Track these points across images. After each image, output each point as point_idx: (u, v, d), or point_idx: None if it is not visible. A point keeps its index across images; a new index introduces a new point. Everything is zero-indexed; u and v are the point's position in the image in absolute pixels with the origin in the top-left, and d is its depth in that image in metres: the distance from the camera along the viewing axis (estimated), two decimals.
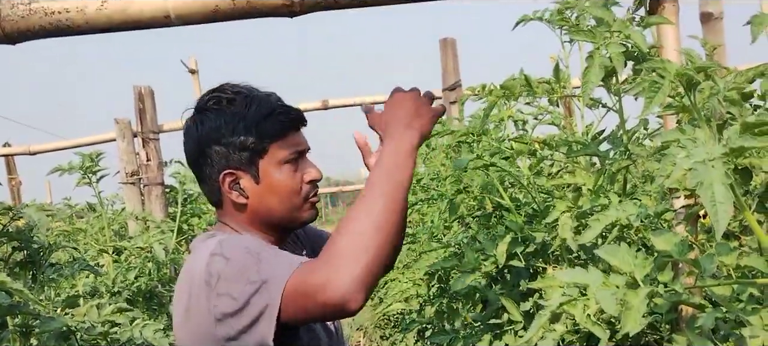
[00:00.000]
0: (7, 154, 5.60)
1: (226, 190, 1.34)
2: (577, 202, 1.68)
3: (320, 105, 4.92)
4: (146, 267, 3.08)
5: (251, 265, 1.17)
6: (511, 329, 1.96)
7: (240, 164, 1.32)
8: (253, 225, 1.37)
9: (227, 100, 1.33)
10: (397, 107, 1.27)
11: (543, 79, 2.00)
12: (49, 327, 1.85)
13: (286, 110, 1.35)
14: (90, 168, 2.72)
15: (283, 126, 1.33)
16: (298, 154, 1.36)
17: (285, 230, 1.41)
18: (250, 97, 1.33)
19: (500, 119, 2.53)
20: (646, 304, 0.92)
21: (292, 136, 1.36)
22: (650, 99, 0.91)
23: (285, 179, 1.34)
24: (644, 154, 1.54)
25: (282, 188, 1.34)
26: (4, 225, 1.80)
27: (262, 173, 1.33)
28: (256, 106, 1.32)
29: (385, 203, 1.14)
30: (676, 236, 0.97)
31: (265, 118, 1.31)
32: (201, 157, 1.35)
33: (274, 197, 1.34)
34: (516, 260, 2.02)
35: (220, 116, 1.32)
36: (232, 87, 1.36)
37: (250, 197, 1.34)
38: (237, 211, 1.37)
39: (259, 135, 1.31)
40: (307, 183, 1.37)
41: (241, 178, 1.33)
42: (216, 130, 1.32)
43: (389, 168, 1.18)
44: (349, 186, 18.24)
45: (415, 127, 1.24)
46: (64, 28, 1.42)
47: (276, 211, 1.35)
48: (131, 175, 4.41)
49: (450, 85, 4.06)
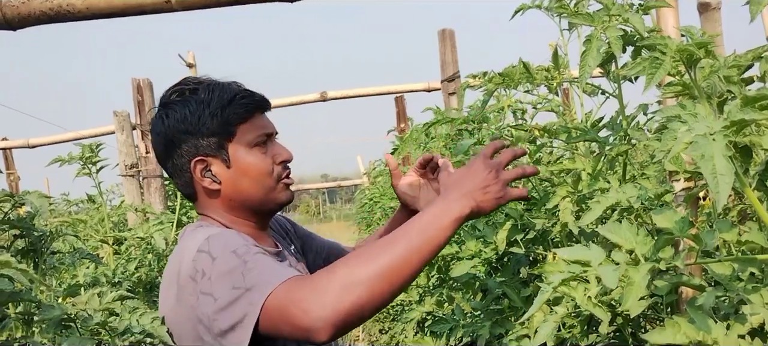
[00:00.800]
0: (5, 148, 5.59)
1: (199, 177, 1.36)
2: (577, 186, 1.69)
3: (319, 97, 4.92)
4: (146, 258, 3.09)
5: (236, 269, 1.16)
6: (511, 315, 1.97)
7: (209, 150, 1.34)
8: (232, 212, 1.39)
9: (190, 91, 1.36)
10: (471, 174, 1.19)
11: (542, 67, 2.01)
12: (50, 315, 1.85)
13: (249, 94, 1.37)
14: (90, 159, 2.72)
15: (246, 109, 1.35)
16: (267, 136, 1.38)
17: (263, 214, 1.42)
18: (211, 85, 1.36)
19: (500, 108, 2.54)
20: (648, 280, 0.93)
21: (258, 119, 1.38)
22: (651, 76, 0.92)
23: (256, 161, 1.36)
24: (644, 139, 1.54)
25: (253, 170, 1.35)
26: (6, 212, 1.80)
27: (232, 157, 1.35)
28: (218, 92, 1.34)
29: (400, 263, 1.08)
30: (677, 213, 0.98)
31: (229, 103, 1.33)
32: (171, 149, 1.37)
33: (246, 179, 1.35)
34: (516, 247, 2.03)
35: (185, 106, 1.34)
36: (194, 79, 1.39)
37: (223, 183, 1.36)
38: (212, 198, 1.38)
39: (225, 119, 1.33)
40: (278, 164, 1.39)
41: (212, 164, 1.35)
42: (182, 121, 1.34)
43: (425, 229, 1.11)
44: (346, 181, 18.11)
45: (474, 198, 1.16)
46: (64, 13, 1.42)
47: (250, 194, 1.37)
48: (130, 167, 4.41)
49: (449, 76, 4.06)
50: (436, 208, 1.13)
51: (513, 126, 2.21)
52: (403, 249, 1.08)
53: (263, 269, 1.15)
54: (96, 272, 2.83)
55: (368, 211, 6.89)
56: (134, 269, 2.93)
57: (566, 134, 1.88)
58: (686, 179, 1.40)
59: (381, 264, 1.07)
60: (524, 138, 2.09)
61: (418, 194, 1.56)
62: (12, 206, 1.82)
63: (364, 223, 7.73)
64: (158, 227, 2.90)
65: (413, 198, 1.56)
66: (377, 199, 6.03)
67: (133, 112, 4.55)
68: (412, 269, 1.08)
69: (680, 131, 0.78)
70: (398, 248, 1.08)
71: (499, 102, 2.63)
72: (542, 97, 2.34)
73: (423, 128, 2.80)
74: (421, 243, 1.09)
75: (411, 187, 1.55)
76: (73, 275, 2.78)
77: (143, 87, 4.46)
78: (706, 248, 0.90)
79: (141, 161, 4.45)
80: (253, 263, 1.16)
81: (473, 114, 2.27)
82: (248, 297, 1.12)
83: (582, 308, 1.40)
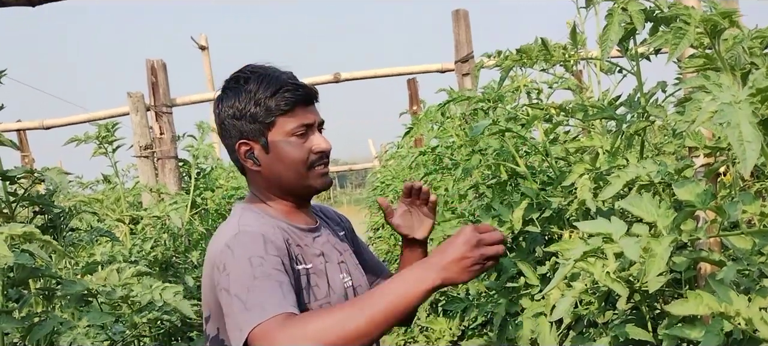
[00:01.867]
0: (20, 129, 5.62)
1: (242, 158, 1.51)
2: (595, 163, 1.68)
3: (332, 78, 4.91)
4: (162, 238, 3.11)
5: (244, 281, 1.28)
6: (527, 293, 1.97)
7: (252, 135, 1.49)
8: (270, 190, 1.54)
9: (244, 80, 1.50)
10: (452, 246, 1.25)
11: (559, 45, 2.00)
12: (71, 290, 1.87)
13: (294, 87, 1.48)
14: (106, 138, 2.73)
15: (288, 102, 1.47)
16: (306, 127, 1.50)
17: (299, 197, 1.55)
18: (263, 76, 1.49)
19: (515, 88, 2.53)
20: (670, 253, 0.93)
21: (300, 110, 1.49)
22: (675, 46, 0.91)
23: (292, 149, 1.48)
24: (663, 115, 1.54)
25: (288, 157, 1.49)
26: (26, 189, 1.82)
27: (271, 144, 1.49)
28: (266, 83, 1.47)
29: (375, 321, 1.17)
30: (700, 185, 0.98)
31: (273, 94, 1.46)
32: (223, 130, 1.54)
33: (281, 165, 1.49)
34: (532, 226, 2.03)
35: (236, 94, 1.49)
36: (251, 68, 1.52)
37: (262, 165, 1.51)
38: (255, 176, 1.54)
39: (267, 109, 1.47)
40: (314, 153, 1.50)
41: (254, 148, 1.50)
42: (232, 106, 1.49)
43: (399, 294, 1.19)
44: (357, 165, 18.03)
45: (448, 271, 1.22)
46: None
47: (284, 178, 1.50)
48: (145, 148, 4.42)
49: (463, 56, 4.05)
50: (412, 276, 1.21)
51: (529, 104, 2.20)
52: (374, 313, 1.17)
53: (265, 292, 1.26)
54: (113, 250, 2.86)
55: (380, 193, 6.89)
56: (150, 248, 2.95)
57: (583, 113, 1.88)
58: (706, 154, 1.40)
59: (351, 327, 1.16)
60: (540, 117, 2.08)
61: (412, 222, 1.68)
62: (31, 183, 1.84)
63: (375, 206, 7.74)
64: (174, 207, 2.91)
65: (409, 228, 1.68)
66: (389, 181, 6.03)
67: (147, 94, 4.56)
68: (379, 331, 1.18)
69: (705, 101, 0.78)
70: (370, 312, 1.17)
71: (514, 82, 2.62)
72: (558, 76, 2.33)
73: (438, 108, 2.79)
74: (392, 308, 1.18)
75: (403, 218, 1.68)
76: (90, 253, 2.80)
77: (157, 68, 4.47)
78: (730, 220, 0.90)
79: (155, 142, 4.47)
80: (259, 280, 1.28)
81: (489, 93, 2.26)
82: (244, 316, 1.24)
83: (600, 283, 1.40)
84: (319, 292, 1.47)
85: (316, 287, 1.47)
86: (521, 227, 2.03)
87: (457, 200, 2.86)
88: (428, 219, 1.68)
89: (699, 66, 1.04)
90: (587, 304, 1.72)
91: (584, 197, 1.64)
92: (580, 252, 1.00)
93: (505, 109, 2.29)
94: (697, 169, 1.40)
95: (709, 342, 1.10)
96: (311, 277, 1.47)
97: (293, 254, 1.44)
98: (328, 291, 1.48)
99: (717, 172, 1.36)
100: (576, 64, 2.06)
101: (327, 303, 1.46)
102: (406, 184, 1.66)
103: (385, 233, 6.08)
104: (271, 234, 1.41)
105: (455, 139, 2.78)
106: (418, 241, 1.68)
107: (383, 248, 6.15)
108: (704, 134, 1.38)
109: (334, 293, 1.50)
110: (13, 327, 1.70)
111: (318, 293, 1.46)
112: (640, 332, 1.52)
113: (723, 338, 1.10)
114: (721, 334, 1.09)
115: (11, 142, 1.74)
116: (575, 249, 1.04)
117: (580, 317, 1.78)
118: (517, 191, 2.28)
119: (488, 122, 2.07)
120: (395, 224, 1.68)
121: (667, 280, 1.43)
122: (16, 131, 5.63)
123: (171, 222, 3.09)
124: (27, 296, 1.86)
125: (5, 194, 1.77)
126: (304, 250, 1.50)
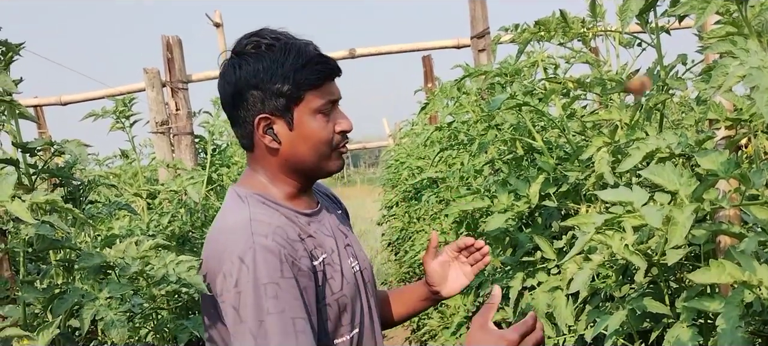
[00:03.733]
0: (37, 105, 5.67)
1: (260, 134, 1.38)
2: (614, 137, 1.67)
3: (347, 54, 4.90)
4: (179, 212, 3.13)
5: (255, 314, 1.23)
6: (543, 267, 1.97)
7: (275, 110, 1.36)
8: (282, 170, 1.42)
9: (266, 46, 1.36)
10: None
11: (578, 17, 1.98)
12: (90, 262, 1.89)
13: (324, 60, 1.38)
14: (123, 113, 2.75)
15: (319, 76, 1.36)
16: (332, 103, 1.40)
17: (311, 178, 1.46)
18: (288, 44, 1.36)
19: (532, 63, 2.51)
20: (692, 222, 0.92)
21: (327, 86, 1.39)
22: (702, 11, 0.90)
23: (318, 127, 1.38)
24: (684, 87, 1.52)
25: (314, 136, 1.38)
26: (45, 161, 1.83)
27: (296, 121, 1.37)
28: (294, 54, 1.34)
29: None
30: (723, 154, 0.97)
31: (303, 67, 1.34)
32: (238, 100, 1.38)
33: (306, 144, 1.38)
34: (548, 201, 2.02)
35: (259, 61, 1.35)
36: (271, 33, 1.38)
37: (283, 143, 1.39)
38: (269, 155, 1.42)
39: (296, 83, 1.34)
40: (338, 133, 1.41)
41: (275, 123, 1.37)
42: (254, 75, 1.35)
43: None
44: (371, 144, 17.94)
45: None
46: None
47: (306, 158, 1.40)
48: (161, 124, 4.45)
49: (479, 32, 4.02)
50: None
51: (546, 79, 2.19)
52: None
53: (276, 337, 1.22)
54: (130, 225, 2.88)
55: (394, 172, 6.90)
56: (167, 222, 2.98)
57: (601, 86, 1.86)
58: (727, 126, 1.38)
59: None
60: (558, 90, 2.07)
61: (446, 275, 1.64)
62: (50, 156, 1.85)
63: (389, 184, 7.74)
64: (191, 182, 2.93)
65: (440, 280, 1.64)
66: (403, 159, 6.03)
67: (163, 70, 4.57)
68: None
69: (732, 66, 0.77)
70: None
71: (530, 57, 2.60)
72: (576, 50, 2.31)
73: (454, 84, 2.78)
74: None
75: (442, 266, 1.64)
76: (109, 227, 2.83)
77: (173, 44, 4.48)
78: (754, 188, 0.89)
79: (171, 118, 4.49)
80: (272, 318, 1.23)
81: (505, 67, 2.25)
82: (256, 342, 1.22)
83: (618, 256, 1.40)
84: (335, 285, 1.41)
85: (332, 279, 1.41)
86: (538, 202, 2.03)
87: (473, 176, 2.85)
88: (463, 280, 1.64)
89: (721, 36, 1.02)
90: (604, 277, 1.72)
91: (602, 170, 1.63)
92: (601, 221, 1.00)
93: (522, 84, 2.27)
94: (718, 141, 1.38)
95: (730, 313, 1.09)
96: (326, 269, 1.40)
97: (308, 249, 1.37)
98: (341, 282, 1.43)
99: (738, 144, 1.35)
100: (594, 38, 2.04)
101: (342, 296, 1.42)
102: (465, 239, 1.60)
103: (399, 212, 6.09)
104: (285, 236, 1.33)
105: (471, 115, 2.77)
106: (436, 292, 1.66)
107: (397, 226, 6.16)
108: (725, 106, 1.36)
109: (347, 282, 1.44)
110: (35, 298, 1.72)
111: (334, 286, 1.41)
112: (658, 306, 1.52)
113: (743, 310, 1.10)
114: (741, 305, 1.09)
115: (31, 115, 1.75)
116: (594, 219, 1.04)
117: (597, 290, 1.78)
118: (534, 166, 2.27)
119: (505, 96, 2.06)
120: (431, 269, 1.64)
121: (685, 253, 1.42)
122: (34, 107, 5.67)
123: (188, 197, 3.11)
124: (47, 267, 1.89)
125: (25, 166, 1.79)
126: (316, 239, 1.42)
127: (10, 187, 1.44)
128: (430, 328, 4.18)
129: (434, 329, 4.02)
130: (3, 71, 1.51)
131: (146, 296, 2.29)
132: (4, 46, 1.63)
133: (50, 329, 1.53)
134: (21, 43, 1.70)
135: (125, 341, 1.69)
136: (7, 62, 1.63)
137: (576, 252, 1.10)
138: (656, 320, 1.59)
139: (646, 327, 1.64)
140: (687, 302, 1.34)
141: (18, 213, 1.39)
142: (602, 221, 0.95)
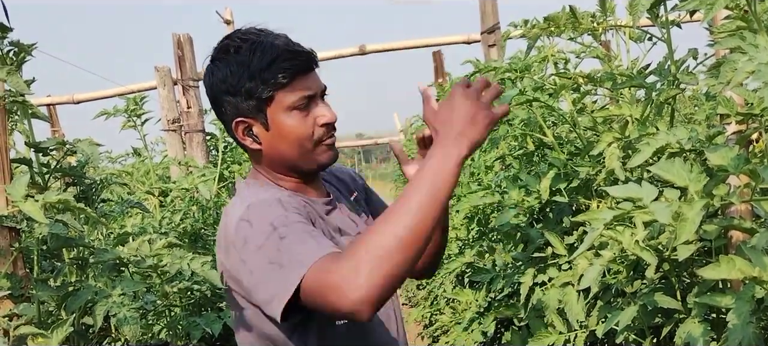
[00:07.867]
0: (50, 104, 5.70)
1: (241, 137, 1.37)
2: (624, 132, 1.67)
3: (357, 50, 4.89)
4: (191, 210, 3.15)
5: (272, 243, 1.18)
6: (554, 263, 1.97)
7: (248, 113, 1.34)
8: (274, 169, 1.40)
9: (234, 49, 1.33)
10: (454, 110, 1.15)
11: (588, 13, 1.97)
12: (103, 259, 1.91)
13: (291, 56, 1.32)
14: (135, 111, 2.77)
15: (286, 73, 1.31)
16: (308, 99, 1.34)
17: (306, 173, 1.42)
18: (255, 43, 1.32)
19: (542, 58, 2.50)
20: (702, 218, 0.92)
21: (300, 81, 1.33)
22: (710, 6, 0.90)
23: (295, 124, 1.33)
24: (694, 82, 1.51)
25: (292, 133, 1.34)
26: (58, 161, 1.85)
27: (270, 120, 1.34)
28: (259, 53, 1.30)
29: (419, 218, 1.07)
30: (733, 149, 0.97)
31: (268, 66, 1.30)
32: (216, 106, 1.38)
33: (285, 142, 1.35)
34: (559, 196, 2.02)
35: (227, 66, 1.33)
36: (242, 34, 1.35)
37: (263, 144, 1.37)
38: (256, 154, 1.40)
39: (264, 83, 1.30)
40: (319, 126, 1.36)
41: (254, 125, 1.35)
42: (224, 80, 1.33)
43: (432, 180, 1.10)
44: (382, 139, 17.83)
45: (467, 136, 1.13)
46: None
47: (289, 156, 1.36)
48: (172, 122, 4.47)
49: (489, 27, 4.01)
50: (435, 158, 1.12)
51: (556, 73, 2.18)
52: (419, 205, 1.07)
53: (298, 245, 1.16)
54: (143, 222, 2.90)
55: None
56: (179, 220, 2.99)
57: (612, 81, 1.85)
58: (738, 122, 1.38)
59: (403, 227, 1.06)
60: (568, 86, 2.06)
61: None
62: (63, 155, 1.87)
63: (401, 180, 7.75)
64: (203, 179, 2.95)
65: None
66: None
67: (174, 68, 4.59)
68: (433, 221, 1.08)
69: (741, 61, 0.77)
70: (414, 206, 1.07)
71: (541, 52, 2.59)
72: (586, 45, 2.30)
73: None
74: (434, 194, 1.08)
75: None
76: (121, 225, 2.85)
77: (183, 42, 4.49)
78: (765, 183, 0.89)
79: (182, 116, 4.51)
80: (288, 238, 1.17)
81: (515, 62, 2.24)
82: (283, 274, 1.14)
83: (628, 252, 1.39)
84: None
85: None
86: (548, 198, 2.02)
87: (484, 172, 2.85)
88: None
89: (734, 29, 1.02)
90: (615, 273, 1.72)
91: (613, 165, 1.63)
92: (610, 217, 1.00)
93: (533, 79, 2.27)
94: (728, 136, 1.38)
95: (740, 309, 1.09)
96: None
97: (317, 226, 1.32)
98: None
99: (749, 139, 1.34)
100: (604, 33, 2.03)
101: None
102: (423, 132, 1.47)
103: None
104: (288, 201, 1.29)
105: None
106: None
107: None
108: (736, 101, 1.36)
109: None
110: (49, 295, 1.74)
111: None
112: (669, 301, 1.52)
113: (754, 305, 1.09)
114: (752, 301, 1.09)
115: (44, 115, 1.77)
116: (604, 215, 1.04)
117: (608, 286, 1.78)
118: (544, 162, 2.27)
119: (515, 92, 2.05)
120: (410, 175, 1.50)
121: (696, 249, 1.41)
122: (47, 106, 5.71)
123: (199, 195, 3.12)
124: (61, 265, 1.91)
125: (38, 165, 1.81)
126: (326, 223, 1.39)
127: (23, 186, 1.46)
128: (442, 323, 4.18)
129: (446, 325, 4.02)
130: (15, 72, 1.53)
131: (159, 293, 2.31)
132: (16, 47, 1.65)
133: (64, 327, 1.55)
134: (33, 43, 1.71)
135: (138, 337, 1.71)
136: (19, 63, 1.64)
137: (586, 248, 1.10)
138: (668, 315, 1.58)
139: (657, 322, 1.64)
140: (698, 298, 1.34)
141: (31, 213, 1.40)
142: (612, 216, 0.94)
